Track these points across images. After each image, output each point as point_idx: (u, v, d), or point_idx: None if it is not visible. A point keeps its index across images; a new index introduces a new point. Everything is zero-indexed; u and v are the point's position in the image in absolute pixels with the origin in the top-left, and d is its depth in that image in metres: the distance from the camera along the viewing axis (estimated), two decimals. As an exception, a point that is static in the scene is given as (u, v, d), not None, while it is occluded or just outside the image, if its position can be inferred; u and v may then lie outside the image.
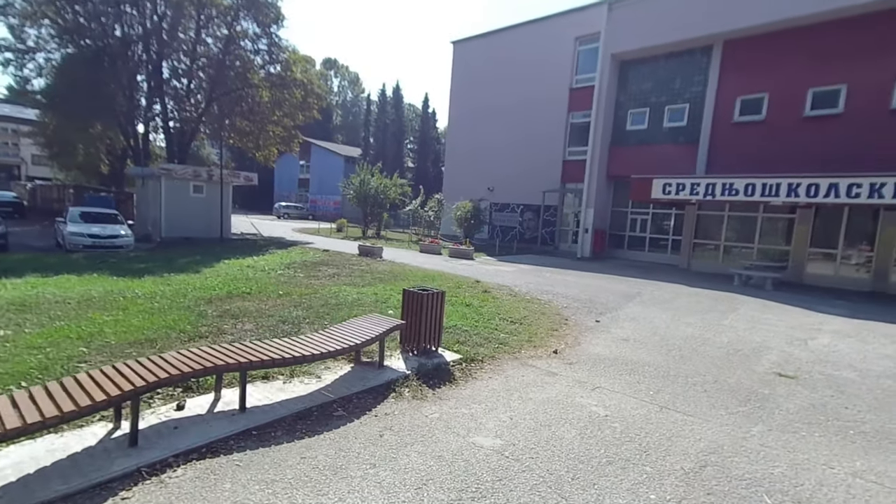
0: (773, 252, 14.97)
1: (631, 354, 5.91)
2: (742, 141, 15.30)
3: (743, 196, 12.76)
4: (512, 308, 8.15)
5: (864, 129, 13.15)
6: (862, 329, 8.11)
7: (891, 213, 12.74)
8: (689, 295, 10.83)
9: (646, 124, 17.87)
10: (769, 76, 14.82)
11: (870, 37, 13.04)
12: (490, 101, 23.92)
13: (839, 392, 4.88)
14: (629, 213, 18.95)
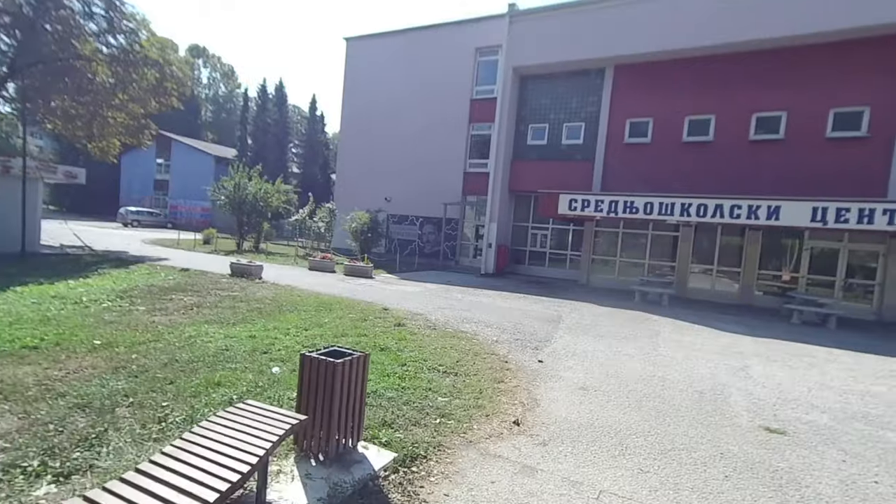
0: (662, 268, 15.83)
1: (603, 413, 4.71)
2: (633, 161, 16.01)
3: (642, 214, 13.07)
4: (438, 350, 6.53)
5: (730, 156, 14.53)
6: (770, 349, 8.24)
7: (754, 233, 14.18)
8: (605, 316, 10.43)
9: (546, 140, 17.94)
10: (653, 102, 15.75)
11: (735, 73, 14.49)
12: (388, 106, 22.28)
13: (842, 452, 4.22)
14: (530, 228, 18.82)
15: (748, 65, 14.29)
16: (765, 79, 14.08)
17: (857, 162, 13.04)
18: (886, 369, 7.38)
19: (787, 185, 13.27)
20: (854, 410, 5.31)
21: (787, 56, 13.79)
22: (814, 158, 13.43)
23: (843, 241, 13.22)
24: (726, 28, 13.96)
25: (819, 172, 13.23)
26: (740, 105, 14.43)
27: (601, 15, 15.76)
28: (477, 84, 20.34)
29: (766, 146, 14.13)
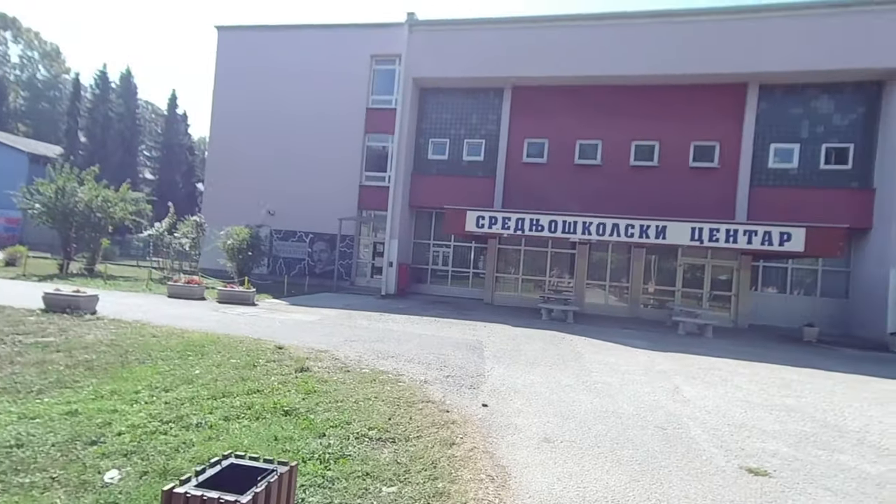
0: (560, 284, 16.29)
1: (587, 478, 3.83)
2: (531, 180, 16.35)
3: (547, 232, 13.17)
4: (361, 403, 5.09)
5: (615, 179, 15.66)
6: (682, 365, 8.48)
7: (639, 251, 15.38)
8: (524, 339, 9.94)
9: (447, 155, 17.48)
10: (549, 124, 16.36)
11: (617, 103, 15.75)
12: (270, 108, 19.73)
13: (828, 491, 3.93)
14: (432, 245, 18.06)
15: (628, 97, 15.64)
16: (642, 111, 15.53)
17: (713, 189, 14.99)
18: (778, 377, 8.00)
19: (662, 207, 14.58)
20: (796, 432, 5.31)
21: (658, 92, 15.40)
22: (681, 184, 15.10)
23: (707, 258, 15.01)
24: (607, 62, 15.09)
25: (686, 197, 14.87)
26: (622, 133, 15.69)
27: (501, 35, 15.96)
28: (373, 93, 19.11)
29: (644, 171, 15.53)
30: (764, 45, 13.87)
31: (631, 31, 14.98)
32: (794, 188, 14.57)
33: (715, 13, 14.45)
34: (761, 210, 14.39)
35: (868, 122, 14.19)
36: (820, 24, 13.58)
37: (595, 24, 15.29)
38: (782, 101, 14.75)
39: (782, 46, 13.75)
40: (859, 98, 14.26)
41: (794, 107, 14.69)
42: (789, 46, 13.72)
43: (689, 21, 14.57)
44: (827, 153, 14.45)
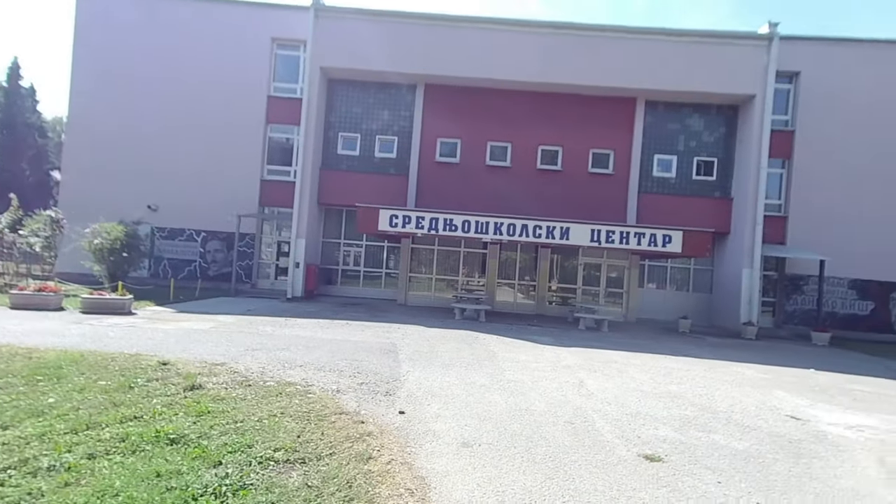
0: (474, 284, 16.63)
1: (505, 481, 3.82)
2: (444, 179, 16.47)
3: (461, 231, 13.32)
4: (266, 421, 4.58)
5: (523, 181, 16.41)
6: (585, 359, 9.08)
7: (545, 251, 16.28)
8: (438, 339, 9.91)
9: (358, 150, 16.90)
10: (461, 124, 16.61)
11: (525, 108, 16.48)
12: (149, 86, 17.39)
13: (710, 471, 4.38)
14: (342, 244, 17.34)
15: (535, 103, 16.45)
16: (547, 117, 16.45)
17: (608, 193, 16.40)
18: (663, 366, 8.93)
19: (566, 209, 15.61)
20: (680, 416, 5.91)
21: (561, 101, 16.42)
22: (582, 188, 16.29)
23: (603, 258, 16.38)
24: (512, 67, 15.61)
25: (586, 200, 16.09)
26: (530, 137, 16.48)
27: (413, 30, 15.79)
28: (275, 80, 17.78)
29: (550, 175, 16.47)
30: (649, 64, 15.48)
31: (534, 39, 15.67)
32: (672, 196, 16.52)
33: (609, 30, 15.71)
34: (648, 214, 16.09)
35: (728, 140, 16.59)
36: (693, 50, 15.52)
37: (502, 29, 15.71)
38: (664, 116, 16.64)
39: (664, 67, 15.47)
40: (721, 119, 16.61)
41: (673, 122, 16.66)
42: (669, 68, 15.48)
43: (587, 35, 15.67)
44: (698, 165, 16.62)
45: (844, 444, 5.31)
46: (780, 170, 16.69)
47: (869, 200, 16.17)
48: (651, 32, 15.67)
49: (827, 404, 7.02)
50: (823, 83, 16.30)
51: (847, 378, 9.26)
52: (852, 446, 5.25)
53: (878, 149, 16.22)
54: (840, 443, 5.33)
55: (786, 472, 4.37)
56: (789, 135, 16.50)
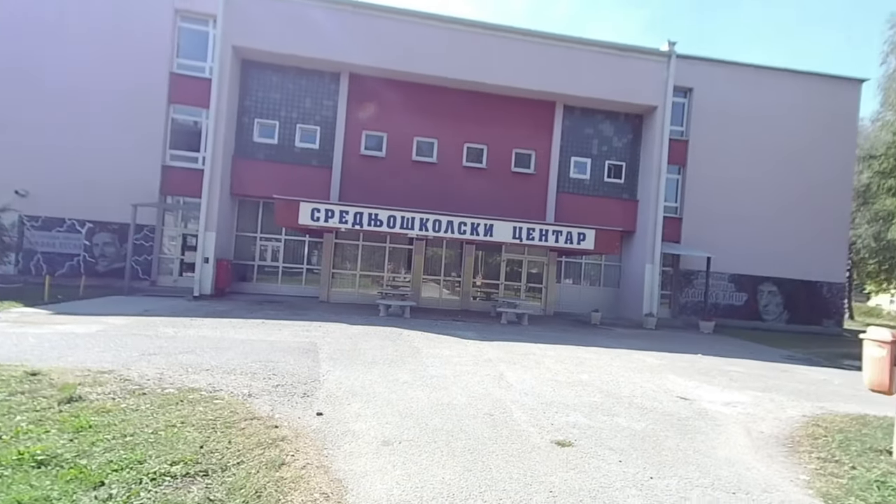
0: (399, 280, 16.49)
1: (424, 477, 3.81)
2: (369, 173, 16.12)
3: (386, 227, 13.11)
4: (162, 432, 4.14)
5: (450, 178, 16.59)
6: (506, 353, 9.42)
7: (469, 247, 16.61)
8: (361, 337, 9.70)
9: (276, 139, 15.93)
10: (387, 118, 16.35)
11: (451, 105, 16.63)
12: (27, 51, 14.93)
13: (614, 451, 4.73)
14: (259, 239, 16.29)
15: (461, 101, 16.66)
16: (473, 115, 16.74)
17: (530, 192, 17.13)
18: (575, 356, 9.53)
19: (490, 206, 16.03)
20: (589, 403, 6.33)
21: (486, 100, 16.79)
22: (505, 186, 16.84)
23: (524, 255, 17.09)
24: (436, 63, 15.59)
25: (509, 198, 16.66)
26: (456, 134, 16.68)
27: (335, 16, 15.16)
28: (179, 55, 16.14)
29: (475, 172, 16.81)
30: (567, 71, 16.36)
31: (458, 36, 15.70)
32: (587, 196, 17.68)
33: (533, 35, 16.28)
34: (565, 213, 17.06)
35: (634, 147, 18.11)
36: (606, 61, 16.67)
37: (427, 24, 15.61)
38: (580, 120, 17.72)
39: (580, 75, 16.45)
40: (629, 126, 18.08)
41: (588, 127, 17.81)
42: (585, 76, 16.50)
43: (512, 38, 16.10)
44: (609, 169, 17.95)
45: (721, 419, 6.05)
46: (677, 175, 18.58)
47: (745, 204, 18.58)
48: (570, 41, 16.56)
49: (709, 385, 7.95)
50: (712, 99, 18.41)
51: (725, 361, 10.57)
52: (727, 420, 5.99)
53: (754, 159, 18.69)
54: (718, 418, 6.06)
55: (674, 448, 4.87)
56: (684, 144, 18.42)
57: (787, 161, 18.86)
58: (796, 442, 5.35)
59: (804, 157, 18.93)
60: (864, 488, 4.16)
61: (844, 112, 19.62)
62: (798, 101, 19.00)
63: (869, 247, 32.62)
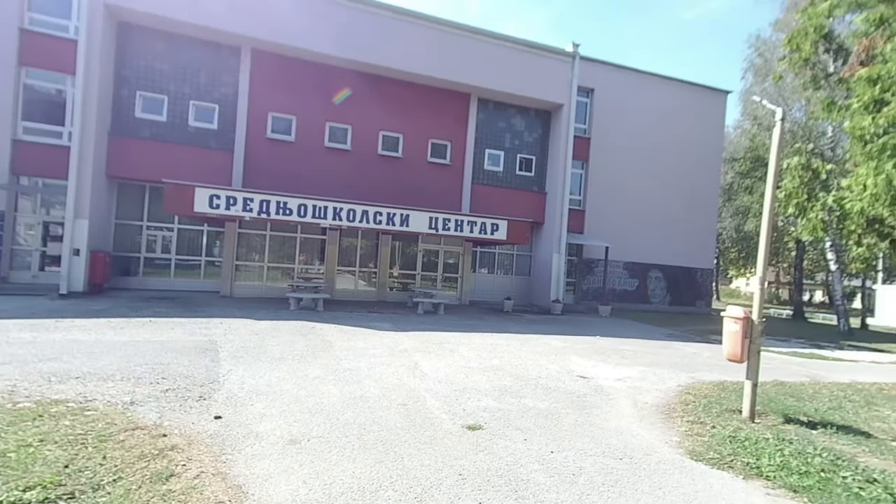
0: (312, 271, 15.75)
1: (333, 474, 3.68)
2: (278, 158, 15.13)
3: (297, 216, 12.42)
4: (12, 455, 3.49)
5: (365, 166, 16.17)
6: (421, 342, 9.47)
7: (385, 237, 16.38)
8: (269, 332, 9.12)
9: (165, 116, 14.25)
10: (297, 101, 15.42)
11: (366, 91, 16.16)
12: None
13: (519, 431, 4.97)
14: (145, 228, 14.51)
15: (376, 87, 16.24)
16: (388, 103, 16.42)
17: (446, 183, 17.32)
18: (488, 343, 9.88)
19: (406, 196, 15.93)
20: (500, 386, 6.59)
21: (402, 88, 16.56)
22: (422, 176, 16.83)
23: (441, 245, 17.28)
24: (345, 45, 14.96)
25: (425, 188, 16.69)
26: (371, 121, 16.25)
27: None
28: (31, 9, 13.55)
29: (391, 161, 16.56)
30: (481, 64, 16.71)
31: (375, 20, 15.23)
32: (500, 188, 18.32)
33: (448, 25, 16.31)
34: (479, 204, 17.53)
35: (543, 142, 19.12)
36: (518, 57, 17.30)
37: (334, 3, 14.96)
38: (493, 114, 18.24)
39: (493, 68, 16.89)
40: (539, 121, 19.03)
41: (501, 121, 18.41)
42: (497, 70, 16.97)
43: (426, 26, 15.96)
44: (520, 162, 18.77)
45: (613, 393, 6.67)
46: (581, 170, 20.00)
47: (637, 198, 20.60)
48: (484, 34, 16.90)
49: (604, 363, 8.73)
50: (610, 100, 20.03)
51: (619, 341, 11.70)
52: (618, 394, 6.62)
53: (644, 158, 20.74)
54: (611, 393, 6.67)
55: (573, 423, 5.26)
56: (587, 141, 19.86)
57: (670, 161, 21.22)
58: (672, 409, 6.07)
59: (683, 158, 21.43)
60: (720, 443, 4.86)
61: (714, 119, 22.55)
62: (678, 107, 21.40)
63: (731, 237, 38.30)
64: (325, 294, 13.10)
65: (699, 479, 4.07)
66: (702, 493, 3.82)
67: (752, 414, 5.66)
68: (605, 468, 4.13)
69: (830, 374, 9.52)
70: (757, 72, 25.48)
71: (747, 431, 5.22)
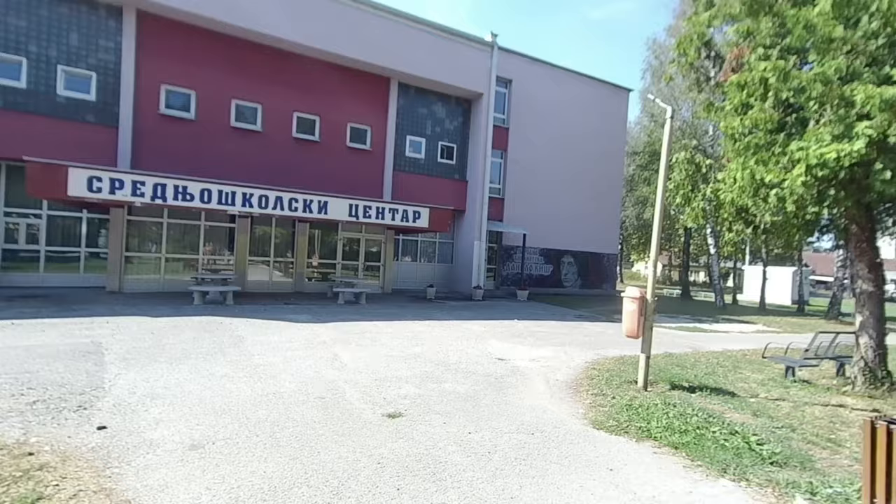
0: (220, 263, 14.54)
1: (242, 478, 3.44)
2: (176, 138, 13.65)
3: (199, 202, 11.31)
4: None
5: (278, 149, 15.18)
6: (341, 332, 9.23)
7: (303, 225, 15.60)
8: (169, 330, 8.28)
9: (24, 81, 12.15)
10: (197, 74, 13.99)
11: (279, 69, 15.10)
12: None
13: (439, 415, 5.04)
14: (1, 214, 12.36)
15: (290, 65, 15.24)
16: (304, 83, 15.51)
17: (367, 169, 16.88)
18: (410, 331, 9.89)
19: (325, 182, 15.25)
20: (420, 373, 6.64)
21: (319, 68, 15.72)
22: (341, 162, 16.22)
23: (362, 233, 16.86)
24: (254, 16, 13.84)
25: (345, 174, 16.12)
26: (285, 102, 15.25)
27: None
28: None
29: (307, 145, 15.73)
30: (401, 47, 16.40)
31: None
32: (422, 175, 18.27)
33: (361, 3, 15.63)
34: (401, 191, 17.34)
35: (464, 130, 19.36)
36: (438, 43, 17.22)
37: None
38: (414, 100, 18.05)
39: (413, 53, 16.66)
40: (460, 110, 19.21)
41: (422, 107, 18.29)
42: (418, 55, 16.78)
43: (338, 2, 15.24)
44: (442, 149, 18.84)
45: (528, 373, 7.04)
46: (500, 160, 20.60)
47: (551, 187, 21.73)
48: (404, 17, 16.56)
49: (521, 345, 9.17)
50: (527, 92, 20.76)
51: (535, 323, 12.36)
52: (532, 374, 7.00)
53: (557, 149, 21.88)
54: (526, 373, 7.03)
55: (491, 403, 5.46)
56: (506, 131, 20.45)
57: (580, 153, 22.63)
58: (579, 384, 6.56)
59: (591, 150, 22.96)
60: (619, 412, 5.35)
61: (618, 115, 24.41)
62: (587, 101, 22.81)
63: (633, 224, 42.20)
64: (235, 287, 12.19)
65: (600, 445, 4.44)
66: (602, 457, 4.17)
67: (646, 383, 6.30)
68: (519, 443, 4.34)
69: (707, 345, 10.93)
70: (654, 73, 27.96)
71: (641, 399, 5.80)
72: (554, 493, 3.50)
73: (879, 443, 3.14)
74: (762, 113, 5.92)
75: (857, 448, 4.50)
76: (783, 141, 5.82)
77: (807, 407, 6.13)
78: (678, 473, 3.96)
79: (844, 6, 5.01)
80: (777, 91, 5.66)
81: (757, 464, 4.15)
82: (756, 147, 5.94)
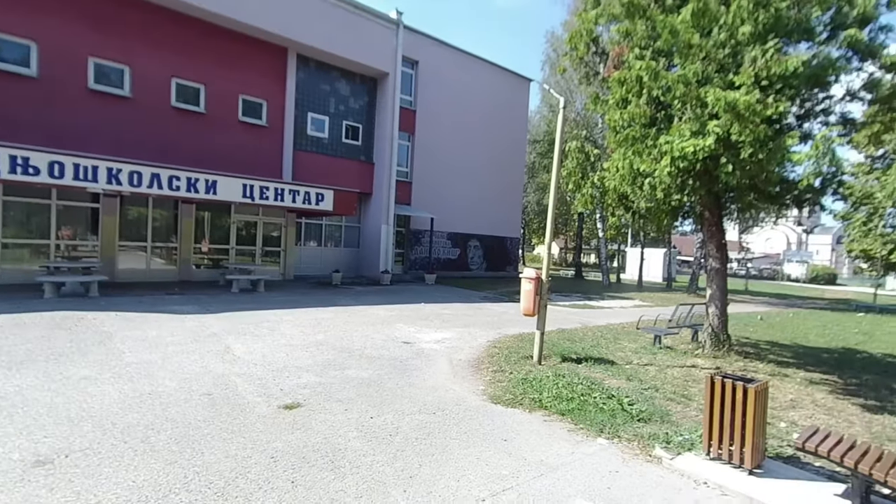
0: (81, 249, 12.47)
1: (101, 490, 3.00)
2: (11, 99, 11.29)
3: (48, 177, 9.53)
4: None
5: (153, 119, 13.33)
6: (235, 324, 8.54)
7: (188, 206, 14.00)
8: (7, 329, 6.94)
9: None
10: (38, 21, 11.63)
11: (156, 28, 13.16)
12: None
13: (340, 403, 4.89)
14: None
15: (167, 23, 13.35)
16: (186, 46, 13.74)
17: (263, 146, 15.60)
18: (313, 318, 9.47)
19: (213, 159, 13.76)
20: (323, 361, 6.39)
21: (205, 30, 14.01)
22: (232, 137, 14.77)
23: (259, 216, 15.64)
24: None
25: (237, 151, 14.73)
26: (161, 65, 13.38)
27: None
28: None
29: (190, 116, 14.03)
30: (299, 16, 15.24)
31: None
32: (326, 156, 17.38)
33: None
34: (303, 172, 16.35)
35: (370, 110, 18.77)
36: (340, 15, 16.28)
37: None
38: (316, 75, 16.98)
39: (313, 24, 15.57)
40: (365, 89, 18.54)
41: (324, 83, 17.29)
42: (318, 26, 15.72)
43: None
44: (346, 129, 18.08)
45: (433, 355, 7.16)
46: (408, 142, 20.40)
47: (457, 172, 22.14)
48: (302, -16, 15.40)
49: (427, 328, 9.29)
50: (434, 74, 20.70)
51: (441, 306, 12.60)
52: (437, 355, 7.13)
53: (462, 133, 22.26)
54: (431, 355, 7.14)
55: (394, 387, 5.46)
56: (413, 113, 20.25)
57: (485, 138, 23.31)
58: (480, 362, 6.84)
59: (496, 137, 23.79)
60: (515, 386, 5.69)
61: (520, 103, 25.53)
62: (493, 88, 23.47)
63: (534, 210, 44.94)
64: (100, 276, 10.59)
65: (497, 417, 4.68)
66: (498, 429, 4.39)
67: (540, 358, 6.77)
68: (420, 424, 4.39)
69: (594, 320, 12.10)
70: (552, 65, 29.61)
71: (535, 373, 6.23)
72: (451, 467, 3.60)
73: (717, 394, 3.75)
74: (638, 108, 6.58)
75: (703, 401, 5.31)
76: (654, 134, 6.54)
77: (668, 369, 7.09)
78: (563, 437, 4.32)
79: (701, 17, 5.71)
80: (650, 89, 6.32)
81: (627, 422, 4.70)
82: (633, 139, 6.59)
